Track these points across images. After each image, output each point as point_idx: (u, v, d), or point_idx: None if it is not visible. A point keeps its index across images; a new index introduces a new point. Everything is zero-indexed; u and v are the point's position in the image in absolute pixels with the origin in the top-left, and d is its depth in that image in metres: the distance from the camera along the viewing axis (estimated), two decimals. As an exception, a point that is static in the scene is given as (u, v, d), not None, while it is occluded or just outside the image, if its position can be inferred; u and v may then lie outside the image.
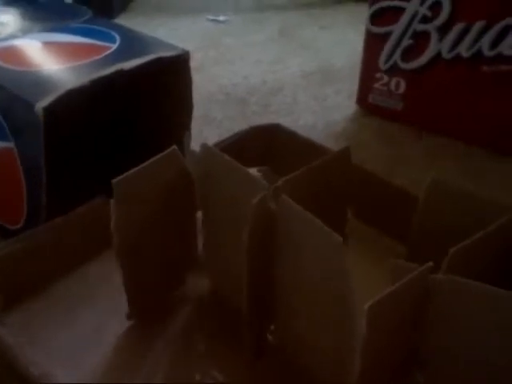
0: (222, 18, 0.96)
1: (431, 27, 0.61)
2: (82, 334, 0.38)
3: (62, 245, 0.42)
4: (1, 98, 0.42)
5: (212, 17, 0.96)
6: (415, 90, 0.64)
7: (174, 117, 0.49)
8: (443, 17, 0.59)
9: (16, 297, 0.39)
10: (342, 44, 0.86)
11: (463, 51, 0.60)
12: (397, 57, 0.64)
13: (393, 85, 0.65)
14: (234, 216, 0.35)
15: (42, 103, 0.39)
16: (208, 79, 0.75)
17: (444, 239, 0.31)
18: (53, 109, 0.39)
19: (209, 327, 0.39)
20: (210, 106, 0.69)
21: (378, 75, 0.66)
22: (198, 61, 0.78)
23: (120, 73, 0.44)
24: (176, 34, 0.88)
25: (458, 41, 0.60)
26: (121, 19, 0.92)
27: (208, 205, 0.38)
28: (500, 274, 0.32)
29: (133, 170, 0.35)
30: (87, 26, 0.52)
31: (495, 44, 0.58)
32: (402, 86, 0.65)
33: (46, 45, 0.49)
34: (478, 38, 0.59)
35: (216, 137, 0.56)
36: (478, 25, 0.58)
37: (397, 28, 0.62)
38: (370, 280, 0.32)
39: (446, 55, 0.61)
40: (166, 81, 0.47)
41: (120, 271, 0.37)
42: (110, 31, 0.51)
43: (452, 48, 0.60)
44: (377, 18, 0.64)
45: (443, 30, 0.60)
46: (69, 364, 0.36)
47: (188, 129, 0.50)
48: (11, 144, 0.43)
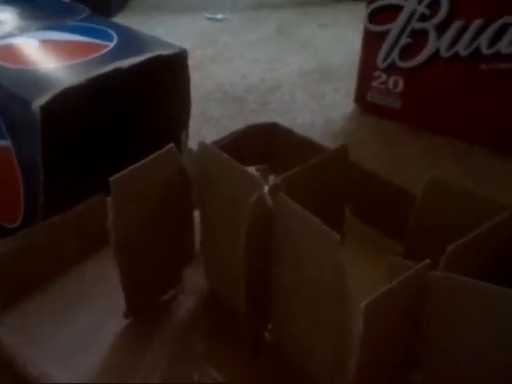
0: (220, 17, 0.96)
1: (429, 25, 0.60)
2: (80, 333, 0.38)
3: (60, 243, 0.42)
4: (-2, 97, 0.42)
5: (210, 15, 0.96)
6: (413, 89, 0.64)
7: (172, 115, 0.49)
8: (441, 15, 0.59)
9: (14, 296, 0.39)
10: (341, 42, 0.86)
11: (461, 49, 0.60)
12: (395, 55, 0.64)
13: (391, 83, 0.65)
14: (232, 214, 0.35)
15: (39, 101, 0.39)
16: (206, 77, 0.75)
17: (441, 237, 0.31)
18: (50, 107, 0.39)
19: (206, 326, 0.39)
20: (208, 105, 0.69)
21: (376, 73, 0.66)
22: (196, 59, 0.78)
23: (118, 71, 0.44)
24: (174, 33, 0.87)
25: (456, 39, 0.60)
26: (119, 17, 0.92)
27: (205, 203, 0.38)
28: (497, 272, 0.32)
29: (130, 168, 0.35)
30: (85, 25, 0.52)
31: (493, 42, 0.58)
32: (400, 85, 0.65)
33: (44, 43, 0.49)
34: (476, 37, 0.58)
35: (214, 135, 0.56)
36: (476, 23, 0.58)
37: (395, 26, 0.62)
38: (368, 278, 0.32)
39: (444, 53, 0.61)
40: (164, 79, 0.47)
41: (117, 269, 0.37)
42: (108, 29, 0.51)
43: (450, 46, 0.60)
44: (375, 17, 0.63)
45: (441, 29, 0.60)
46: (66, 363, 0.36)
47: (186, 127, 0.50)
48: (8, 142, 0.43)
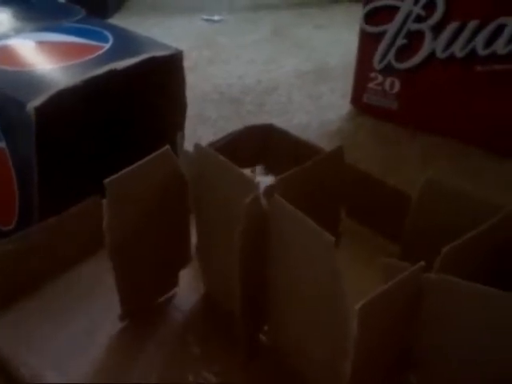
0: (217, 18, 0.96)
1: (425, 26, 0.60)
2: (75, 335, 0.38)
3: (55, 245, 0.41)
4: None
5: (207, 16, 0.96)
6: (409, 90, 0.64)
7: (168, 117, 0.49)
8: (437, 16, 0.59)
9: (9, 298, 0.39)
10: (337, 43, 0.86)
11: (457, 51, 0.60)
12: (391, 56, 0.64)
13: (387, 84, 0.65)
14: (227, 216, 0.35)
15: (34, 103, 0.39)
16: (202, 79, 0.75)
17: (437, 239, 0.31)
18: (44, 109, 0.39)
19: (202, 329, 0.39)
20: (205, 106, 0.69)
21: (373, 75, 0.66)
22: (193, 60, 0.78)
23: (113, 72, 0.43)
24: (171, 34, 0.87)
25: (452, 40, 0.60)
26: (115, 19, 0.92)
27: (201, 205, 0.38)
28: (492, 273, 0.32)
29: (125, 170, 0.35)
30: (80, 26, 0.52)
31: (489, 43, 0.58)
32: (397, 86, 0.65)
33: (39, 44, 0.49)
34: (472, 38, 0.59)
35: (210, 136, 0.56)
36: (472, 24, 0.58)
37: (391, 27, 0.62)
38: (364, 279, 0.32)
39: (440, 55, 0.61)
40: (159, 80, 0.47)
41: (112, 272, 0.36)
42: (103, 31, 0.50)
43: (446, 47, 0.60)
44: (371, 18, 0.63)
45: (437, 30, 0.60)
46: (61, 365, 0.36)
47: (181, 129, 0.50)
48: (3, 144, 0.42)
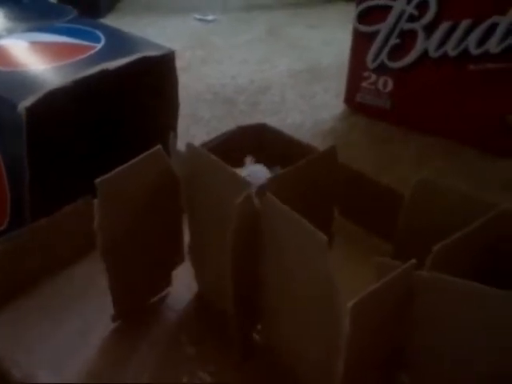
0: (210, 18, 0.96)
1: (418, 26, 0.61)
2: (68, 336, 0.38)
3: (47, 246, 0.41)
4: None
5: (200, 16, 0.96)
6: (403, 89, 0.64)
7: (160, 117, 0.49)
8: (430, 15, 0.60)
9: (0, 299, 0.39)
10: (330, 43, 0.86)
11: (450, 50, 0.60)
12: (384, 56, 0.64)
13: (380, 84, 0.65)
14: (220, 216, 0.34)
15: (25, 103, 0.39)
16: (196, 78, 0.74)
17: (430, 237, 0.31)
18: (36, 109, 0.39)
19: (195, 329, 0.39)
20: (198, 106, 0.69)
21: (366, 74, 0.66)
22: (186, 60, 0.78)
23: (105, 72, 0.43)
24: (164, 34, 0.87)
25: (445, 39, 0.60)
26: (109, 19, 0.91)
27: (193, 205, 0.38)
28: (485, 272, 0.32)
29: (117, 170, 0.35)
30: (72, 26, 0.52)
31: (482, 42, 0.58)
32: (390, 85, 0.65)
33: (31, 44, 0.48)
34: (465, 37, 0.59)
35: (203, 136, 0.56)
36: (465, 23, 0.58)
37: (384, 27, 0.63)
38: (357, 279, 0.32)
39: (433, 54, 0.61)
40: (151, 81, 0.47)
41: (105, 272, 0.36)
42: (95, 31, 0.50)
43: (439, 47, 0.60)
44: (364, 17, 0.64)
45: (430, 29, 0.60)
46: (54, 365, 0.36)
47: (174, 129, 0.49)
48: (-6, 145, 0.42)
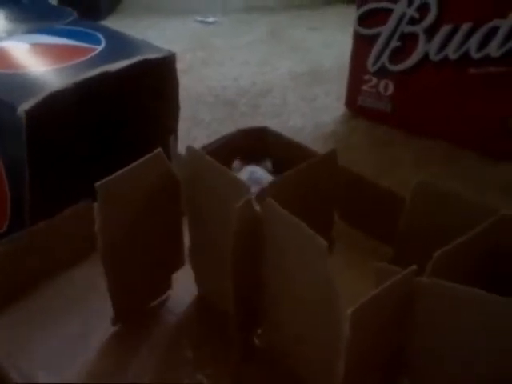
0: (211, 20, 0.96)
1: (419, 29, 0.61)
2: (67, 340, 0.37)
3: (47, 249, 0.41)
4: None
5: (201, 18, 0.96)
6: (403, 92, 0.64)
7: (160, 119, 0.49)
8: (430, 18, 0.59)
9: (0, 301, 0.39)
10: (331, 45, 0.86)
11: (450, 53, 0.60)
12: (385, 59, 0.64)
13: (381, 87, 0.65)
14: (220, 219, 0.34)
15: (25, 106, 0.39)
16: (197, 80, 0.74)
17: (431, 241, 0.31)
18: (36, 111, 0.39)
19: (196, 331, 0.39)
20: (199, 108, 0.69)
21: (367, 77, 0.66)
22: (187, 62, 0.78)
23: (105, 75, 0.43)
24: (165, 36, 0.87)
25: (446, 42, 0.60)
26: (109, 21, 0.91)
27: (194, 207, 0.38)
28: (486, 277, 0.32)
29: (117, 173, 0.34)
30: (72, 28, 0.52)
31: (482, 46, 0.58)
32: (391, 88, 0.65)
33: (31, 46, 0.48)
34: (466, 40, 0.59)
35: (204, 138, 0.56)
36: (465, 26, 0.58)
37: (385, 30, 0.62)
38: (358, 282, 0.32)
39: (434, 57, 0.61)
40: (152, 83, 0.47)
41: (105, 275, 0.36)
42: (95, 33, 0.50)
43: (439, 50, 0.60)
44: (365, 20, 0.63)
45: (431, 32, 0.60)
46: (54, 368, 0.36)
47: (174, 131, 0.49)
48: (-6, 147, 0.42)
